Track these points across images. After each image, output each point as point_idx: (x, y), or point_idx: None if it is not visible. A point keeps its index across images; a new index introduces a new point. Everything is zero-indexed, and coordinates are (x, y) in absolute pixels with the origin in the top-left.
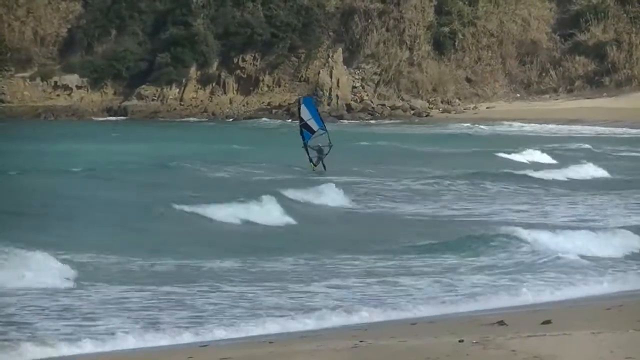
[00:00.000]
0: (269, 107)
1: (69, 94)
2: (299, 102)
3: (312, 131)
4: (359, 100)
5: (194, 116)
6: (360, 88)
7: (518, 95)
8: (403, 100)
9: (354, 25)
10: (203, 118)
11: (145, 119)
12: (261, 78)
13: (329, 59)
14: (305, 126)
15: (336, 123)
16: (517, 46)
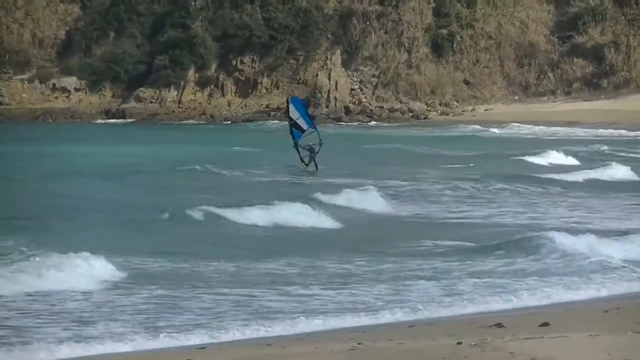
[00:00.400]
0: (267, 109)
1: (67, 97)
2: (287, 101)
3: (302, 130)
4: (357, 103)
5: (192, 119)
6: (359, 90)
7: (516, 97)
8: (401, 102)
9: (352, 28)
10: (201, 121)
11: (143, 121)
12: (259, 80)
13: (327, 61)
14: (295, 125)
15: (341, 125)
16: (515, 48)
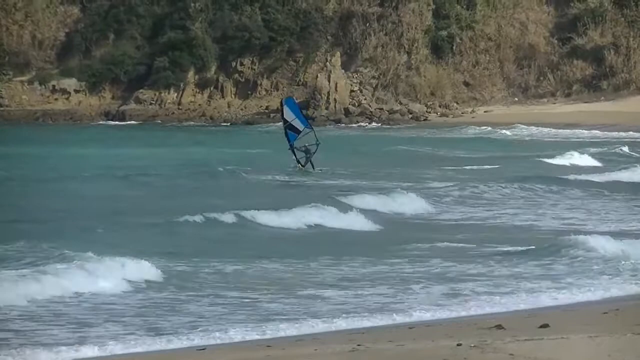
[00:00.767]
0: (266, 111)
1: (67, 98)
2: (281, 103)
3: (298, 131)
4: (357, 104)
5: (191, 120)
6: (359, 92)
7: (516, 99)
8: (401, 104)
9: (352, 29)
10: (201, 122)
11: (146, 122)
12: (259, 82)
13: (327, 63)
14: (290, 127)
15: (351, 127)
16: (515, 50)
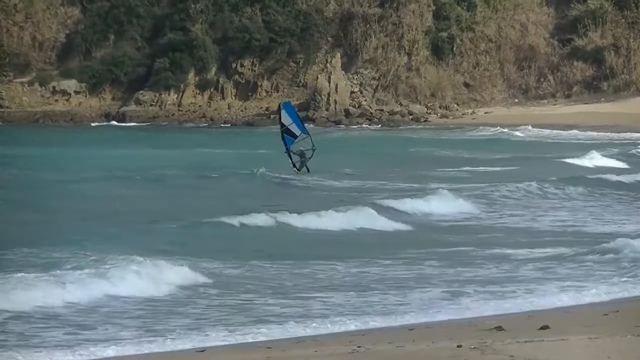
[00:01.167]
0: (267, 112)
1: (67, 99)
2: (279, 107)
3: (295, 136)
4: (357, 106)
5: (192, 121)
6: (359, 93)
7: (516, 100)
8: (401, 105)
9: (353, 30)
10: (201, 123)
11: (151, 124)
12: (259, 83)
13: (328, 64)
14: (286, 131)
15: (353, 129)
16: (515, 51)
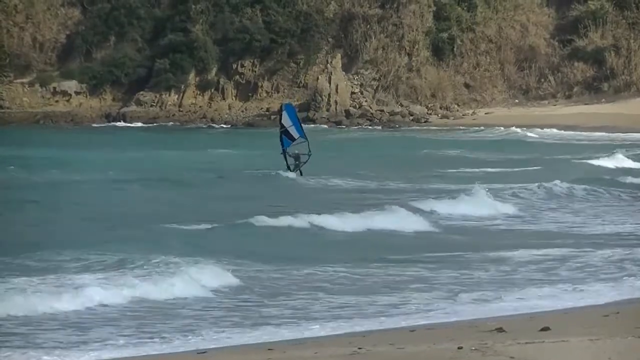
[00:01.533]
0: (267, 112)
1: (68, 100)
2: (281, 108)
3: (293, 139)
4: (357, 106)
5: (192, 122)
6: (359, 94)
7: (517, 100)
8: (402, 106)
9: (353, 31)
10: (202, 124)
11: (158, 125)
12: (260, 84)
13: (328, 65)
14: (285, 133)
15: (354, 129)
16: (516, 52)
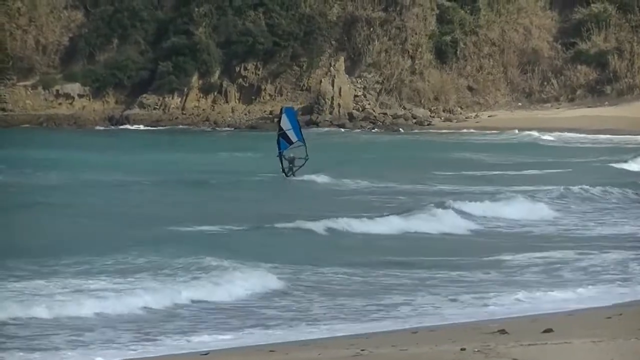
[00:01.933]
0: (270, 115)
1: (71, 103)
2: (281, 111)
3: (290, 142)
4: (360, 109)
5: (195, 125)
6: (362, 97)
7: (520, 103)
8: (405, 109)
9: (356, 34)
10: (205, 127)
11: (165, 127)
12: (263, 87)
13: (331, 68)
14: (283, 135)
15: (368, 132)
16: (519, 55)
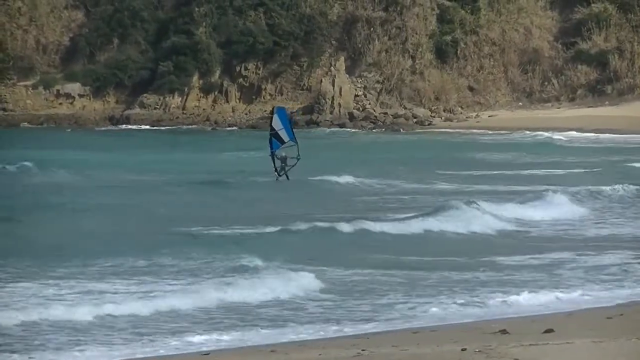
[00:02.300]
0: (270, 115)
1: (71, 103)
2: (272, 111)
3: (282, 141)
4: (361, 109)
5: (196, 125)
6: (363, 96)
7: (520, 103)
8: (405, 108)
9: (357, 34)
10: (206, 126)
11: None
12: (263, 86)
13: (332, 68)
14: (275, 135)
15: (363, 132)
16: (519, 55)
